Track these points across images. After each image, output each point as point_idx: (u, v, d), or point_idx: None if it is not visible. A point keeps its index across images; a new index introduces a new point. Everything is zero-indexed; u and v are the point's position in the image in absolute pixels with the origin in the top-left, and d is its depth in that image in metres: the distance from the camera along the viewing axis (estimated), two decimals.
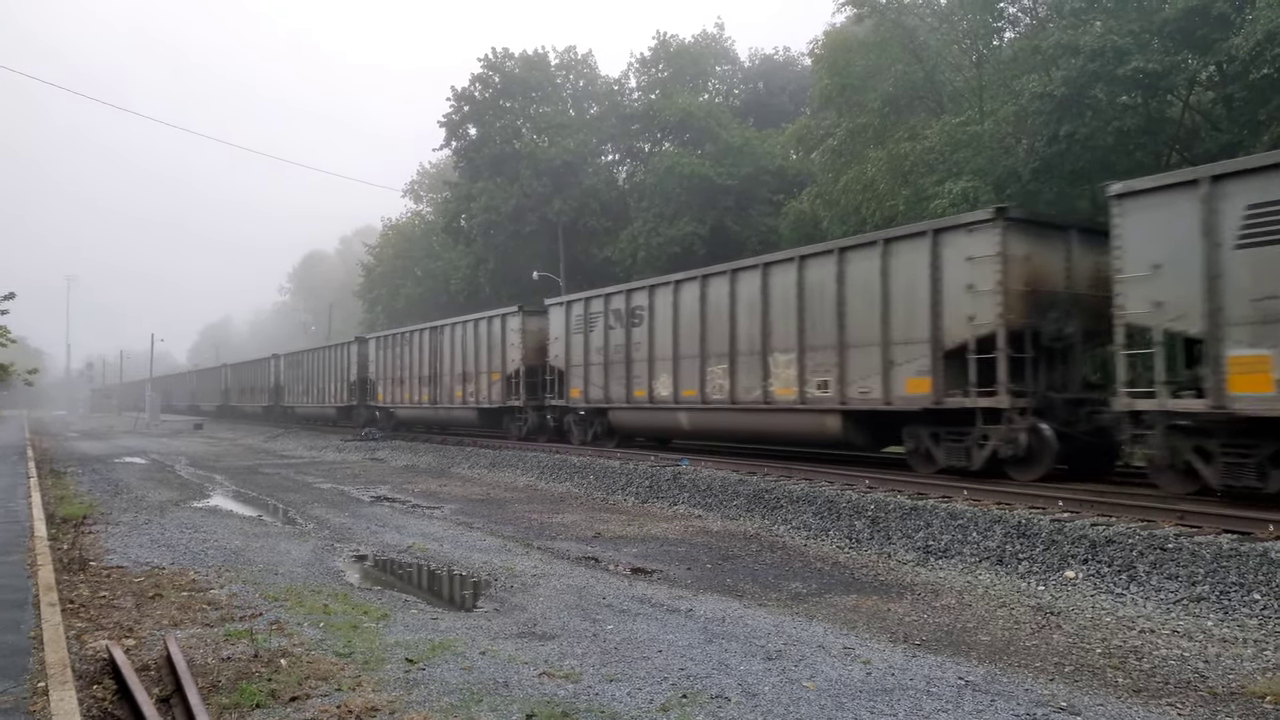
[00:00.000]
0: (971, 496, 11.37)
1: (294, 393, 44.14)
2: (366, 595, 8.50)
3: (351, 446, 29.06)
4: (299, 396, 43.21)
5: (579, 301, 21.86)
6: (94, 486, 18.34)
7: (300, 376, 42.85)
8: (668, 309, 18.57)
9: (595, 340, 20.97)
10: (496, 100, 45.51)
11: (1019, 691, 5.60)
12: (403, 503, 15.85)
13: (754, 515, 12.74)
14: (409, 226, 65.35)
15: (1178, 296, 10.22)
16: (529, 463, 19.96)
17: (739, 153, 37.70)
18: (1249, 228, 9.49)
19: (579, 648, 6.56)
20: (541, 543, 11.41)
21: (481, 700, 5.40)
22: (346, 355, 36.14)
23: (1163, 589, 7.92)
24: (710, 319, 17.40)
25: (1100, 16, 21.72)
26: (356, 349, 35.29)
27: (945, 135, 23.82)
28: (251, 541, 11.45)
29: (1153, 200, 10.54)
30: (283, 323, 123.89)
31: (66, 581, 8.53)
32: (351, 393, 35.43)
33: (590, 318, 21.26)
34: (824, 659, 6.27)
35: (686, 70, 45.92)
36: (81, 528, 12.26)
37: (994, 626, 7.32)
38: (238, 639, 6.67)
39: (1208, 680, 5.90)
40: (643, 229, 38.12)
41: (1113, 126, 20.63)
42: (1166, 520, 9.24)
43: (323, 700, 5.35)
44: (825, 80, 29.51)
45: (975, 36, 27.34)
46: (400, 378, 31.60)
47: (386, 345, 33.22)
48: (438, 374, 28.72)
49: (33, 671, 5.55)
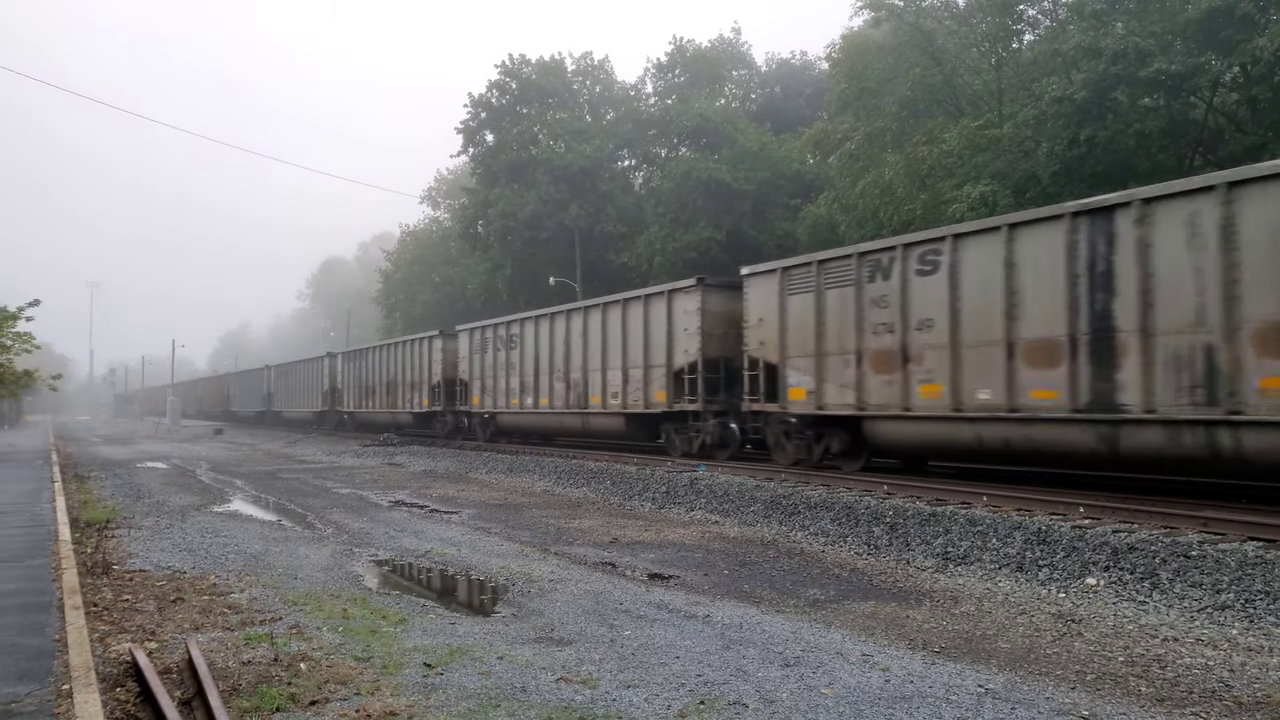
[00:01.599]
0: (991, 503, 11.29)
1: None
2: (385, 600, 8.54)
3: (370, 452, 29.24)
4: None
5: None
6: (116, 491, 18.55)
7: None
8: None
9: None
10: (513, 107, 45.74)
11: (1039, 700, 5.54)
12: (421, 508, 15.92)
13: (771, 521, 12.70)
14: (426, 233, 65.76)
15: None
16: (546, 468, 20.00)
17: (756, 157, 37.67)
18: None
19: (596, 653, 6.56)
20: (559, 548, 11.42)
21: (499, 705, 5.41)
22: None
23: (1186, 597, 7.82)
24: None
25: (1122, 18, 21.57)
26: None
27: (964, 139, 23.72)
28: (271, 546, 11.54)
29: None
30: (301, 329, 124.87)
31: (90, 585, 8.62)
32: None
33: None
34: (842, 666, 6.24)
35: (703, 75, 45.96)
36: (105, 532, 12.40)
37: (1014, 634, 7.25)
38: (258, 643, 6.72)
39: (1232, 690, 5.82)
40: (659, 234, 38.16)
41: (1134, 129, 20.47)
42: (1190, 527, 9.13)
43: (342, 704, 5.38)
44: (842, 84, 29.48)
45: (994, 39, 27.21)
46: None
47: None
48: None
49: (57, 674, 5.62)
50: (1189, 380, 10.01)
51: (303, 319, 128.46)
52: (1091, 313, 11.02)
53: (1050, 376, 11.44)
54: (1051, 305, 11.43)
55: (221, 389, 68.30)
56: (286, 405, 49.57)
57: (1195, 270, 10.03)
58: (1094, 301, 11.00)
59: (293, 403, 48.14)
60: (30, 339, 26.14)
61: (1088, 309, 11.07)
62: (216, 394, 69.39)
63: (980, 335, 12.32)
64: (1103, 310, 10.91)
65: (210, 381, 79.79)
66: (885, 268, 13.86)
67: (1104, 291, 10.91)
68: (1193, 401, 9.95)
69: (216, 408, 67.45)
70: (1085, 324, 11.09)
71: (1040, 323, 11.57)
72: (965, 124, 24.51)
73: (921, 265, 13.28)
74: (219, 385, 71.10)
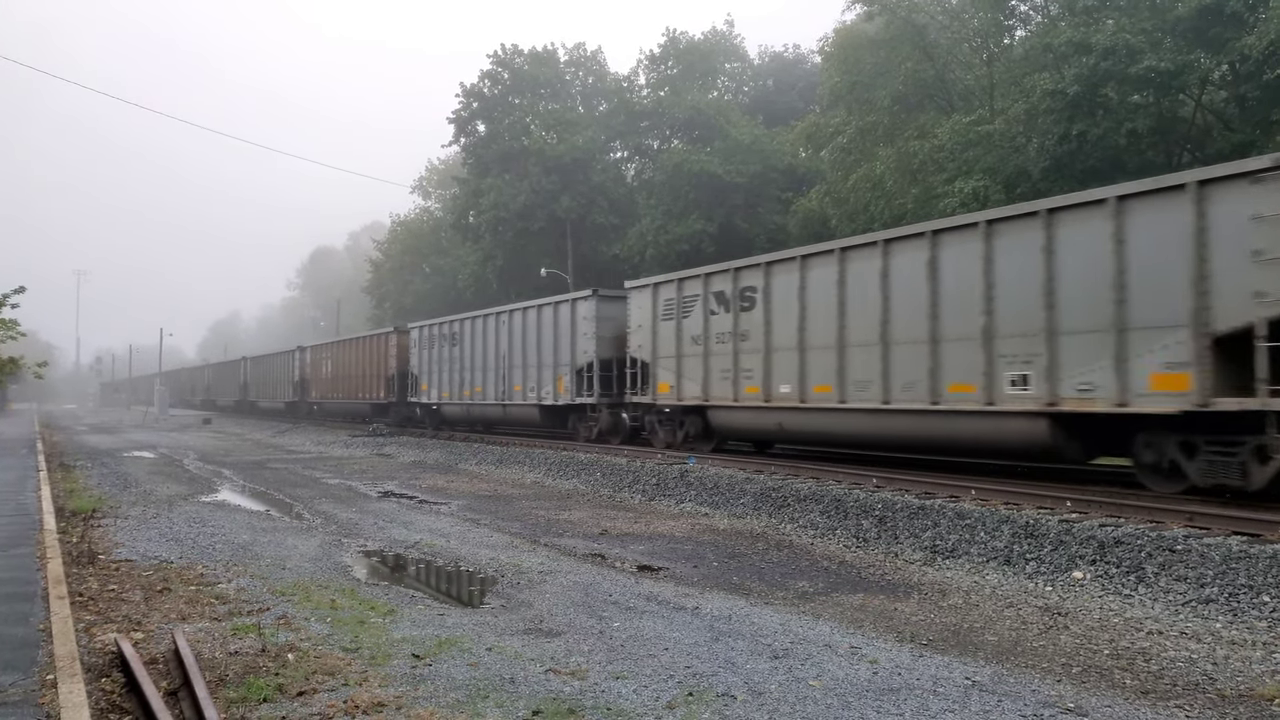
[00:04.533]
0: (979, 496, 11.34)
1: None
2: (373, 591, 8.52)
3: (359, 442, 29.14)
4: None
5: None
6: (103, 480, 18.44)
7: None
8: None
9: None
10: (505, 97, 45.56)
11: (1026, 692, 5.58)
12: (410, 498, 15.89)
13: (761, 513, 12.73)
14: (417, 223, 65.44)
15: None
16: (536, 460, 19.99)
17: (748, 150, 37.64)
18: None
19: (585, 645, 6.57)
20: (548, 539, 11.42)
21: (488, 697, 5.40)
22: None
23: (1171, 590, 7.88)
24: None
25: (1113, 14, 21.62)
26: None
27: (955, 134, 23.76)
28: (259, 536, 11.50)
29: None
30: (291, 318, 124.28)
31: (75, 575, 8.57)
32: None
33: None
34: (830, 658, 6.26)
35: (696, 67, 45.84)
36: (90, 521, 12.32)
37: (1001, 627, 7.29)
38: (245, 633, 6.70)
39: (1216, 682, 5.87)
40: (651, 226, 38.11)
41: (1124, 126, 20.52)
42: (1175, 522, 9.20)
43: (329, 695, 5.37)
44: (835, 78, 29.46)
45: (986, 34, 27.27)
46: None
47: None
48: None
49: (42, 664, 5.59)
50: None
51: (293, 308, 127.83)
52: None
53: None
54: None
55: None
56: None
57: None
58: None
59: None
60: (15, 326, 25.87)
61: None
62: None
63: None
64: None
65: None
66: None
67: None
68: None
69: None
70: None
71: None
72: (957, 119, 24.54)
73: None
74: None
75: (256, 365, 54.48)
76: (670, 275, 19.03)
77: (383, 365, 33.22)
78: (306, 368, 43.39)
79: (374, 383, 34.08)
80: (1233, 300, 9.66)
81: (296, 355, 44.76)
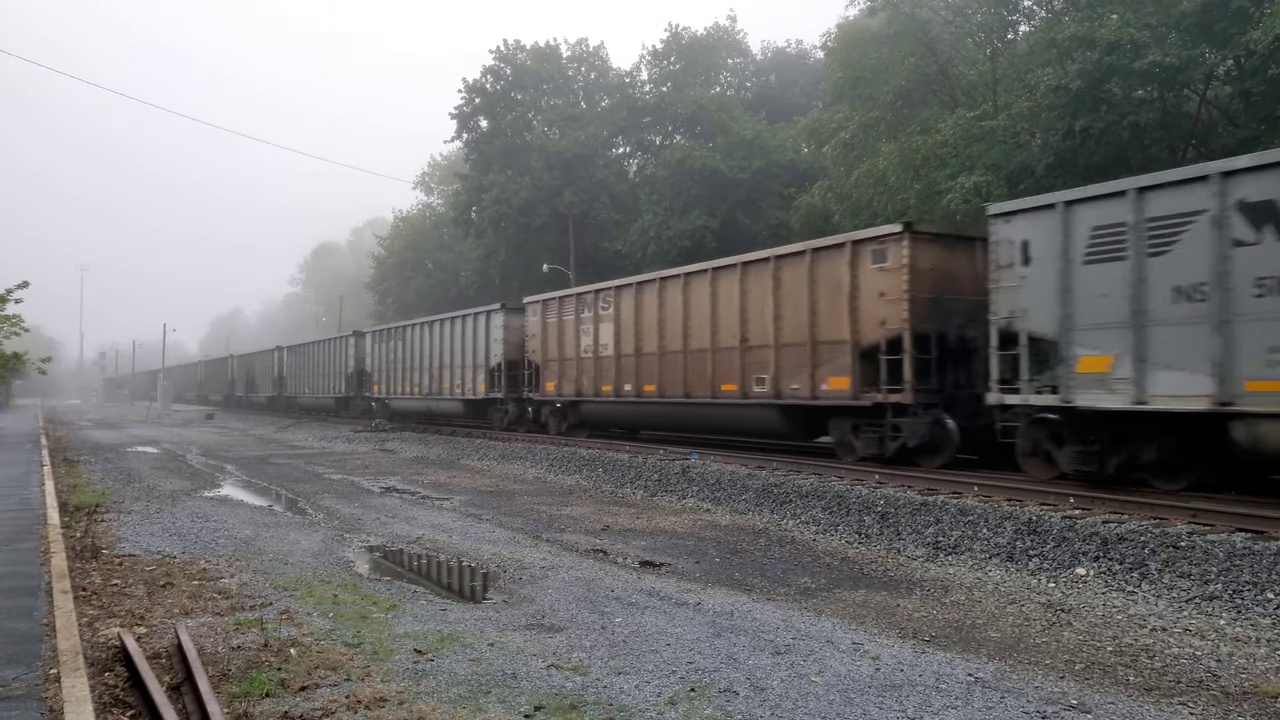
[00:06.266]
0: (982, 493, 11.33)
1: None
2: (376, 586, 8.52)
3: (361, 438, 29.18)
4: None
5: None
6: (106, 475, 18.46)
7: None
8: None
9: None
10: (508, 92, 45.48)
11: (1029, 689, 5.57)
12: (412, 494, 15.89)
13: (763, 509, 12.72)
14: (420, 219, 65.41)
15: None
16: (538, 455, 20.00)
17: (750, 146, 37.56)
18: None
19: (587, 640, 6.57)
20: (550, 535, 11.42)
21: (490, 692, 5.40)
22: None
23: (1175, 587, 7.87)
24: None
25: (1117, 9, 21.49)
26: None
27: (958, 129, 23.67)
28: (262, 531, 11.51)
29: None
30: (293, 314, 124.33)
31: (79, 569, 8.58)
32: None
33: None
34: (832, 654, 6.26)
35: (698, 63, 45.75)
36: (94, 516, 12.34)
37: (1004, 623, 7.28)
38: (248, 628, 6.70)
39: (1220, 679, 5.85)
40: (653, 222, 38.05)
41: (1128, 121, 20.43)
42: (1179, 518, 9.18)
43: (332, 690, 5.37)
44: (838, 73, 29.38)
45: (990, 29, 27.14)
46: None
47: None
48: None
49: (45, 658, 5.59)
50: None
51: (295, 304, 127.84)
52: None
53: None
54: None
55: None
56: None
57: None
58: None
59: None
60: (19, 322, 25.92)
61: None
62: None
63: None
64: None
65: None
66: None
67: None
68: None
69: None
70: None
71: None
72: (960, 114, 24.44)
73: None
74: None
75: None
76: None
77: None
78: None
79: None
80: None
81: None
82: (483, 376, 26.46)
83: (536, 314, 23.73)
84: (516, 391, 25.09)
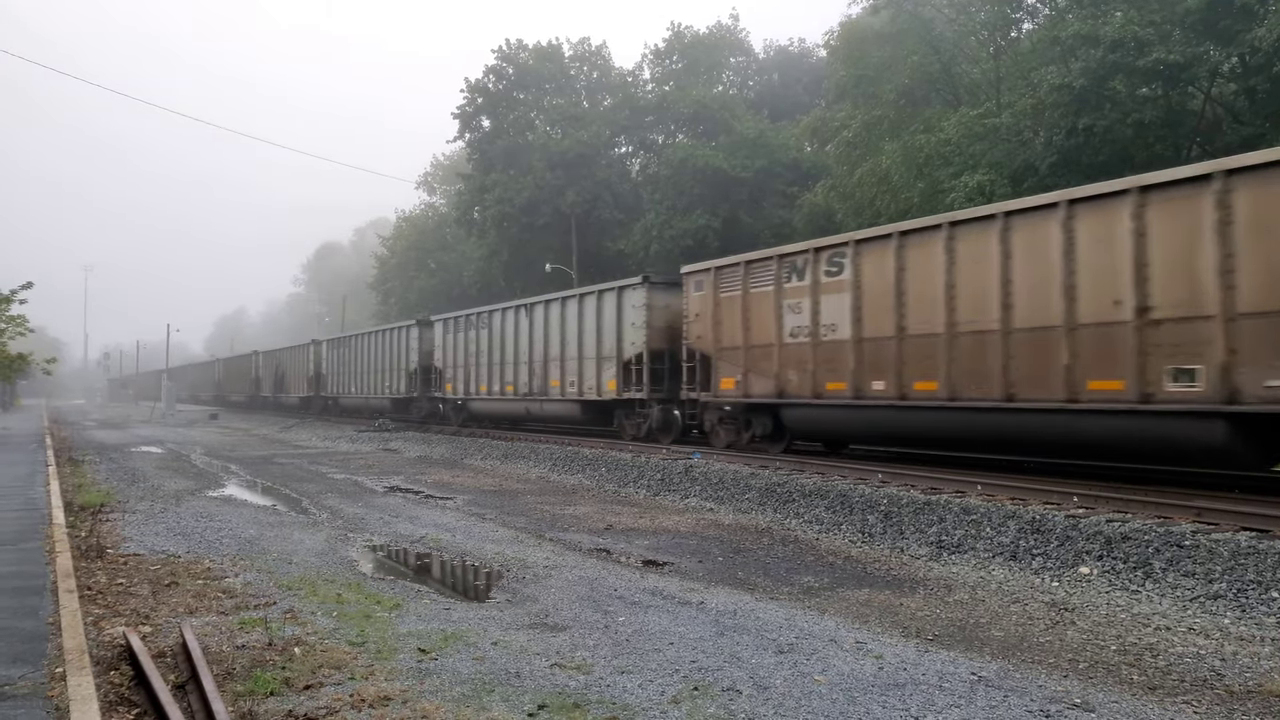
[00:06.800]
0: (985, 492, 11.32)
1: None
2: (379, 585, 8.54)
3: (365, 438, 29.22)
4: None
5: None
6: (111, 475, 18.51)
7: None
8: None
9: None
10: (510, 92, 45.48)
11: (1032, 688, 5.57)
12: (416, 493, 15.92)
13: (766, 509, 12.72)
14: (422, 218, 65.46)
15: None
16: (541, 455, 20.02)
17: (753, 145, 37.52)
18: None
19: (590, 639, 6.57)
20: (554, 534, 11.43)
21: (493, 691, 5.41)
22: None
23: (1179, 586, 7.85)
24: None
25: (1121, 7, 21.46)
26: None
27: (962, 127, 23.65)
28: (266, 531, 11.53)
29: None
30: (296, 314, 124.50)
31: (84, 569, 8.61)
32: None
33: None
34: (836, 653, 6.26)
35: (701, 62, 45.72)
36: (99, 515, 12.38)
37: (1007, 622, 7.28)
38: (252, 627, 6.72)
39: (1224, 678, 5.85)
40: (655, 221, 38.03)
41: (1132, 119, 20.39)
42: (1183, 517, 9.16)
43: (336, 689, 5.38)
44: (841, 72, 29.36)
45: (993, 28, 27.11)
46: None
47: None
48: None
49: (50, 657, 5.61)
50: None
51: (298, 304, 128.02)
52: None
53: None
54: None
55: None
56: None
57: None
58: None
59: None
60: (24, 322, 26.02)
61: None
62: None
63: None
64: None
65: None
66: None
67: None
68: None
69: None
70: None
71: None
72: (963, 113, 24.44)
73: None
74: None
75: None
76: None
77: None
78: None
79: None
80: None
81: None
82: (612, 371, 20.45)
83: (704, 287, 17.63)
84: (661, 389, 19.55)
